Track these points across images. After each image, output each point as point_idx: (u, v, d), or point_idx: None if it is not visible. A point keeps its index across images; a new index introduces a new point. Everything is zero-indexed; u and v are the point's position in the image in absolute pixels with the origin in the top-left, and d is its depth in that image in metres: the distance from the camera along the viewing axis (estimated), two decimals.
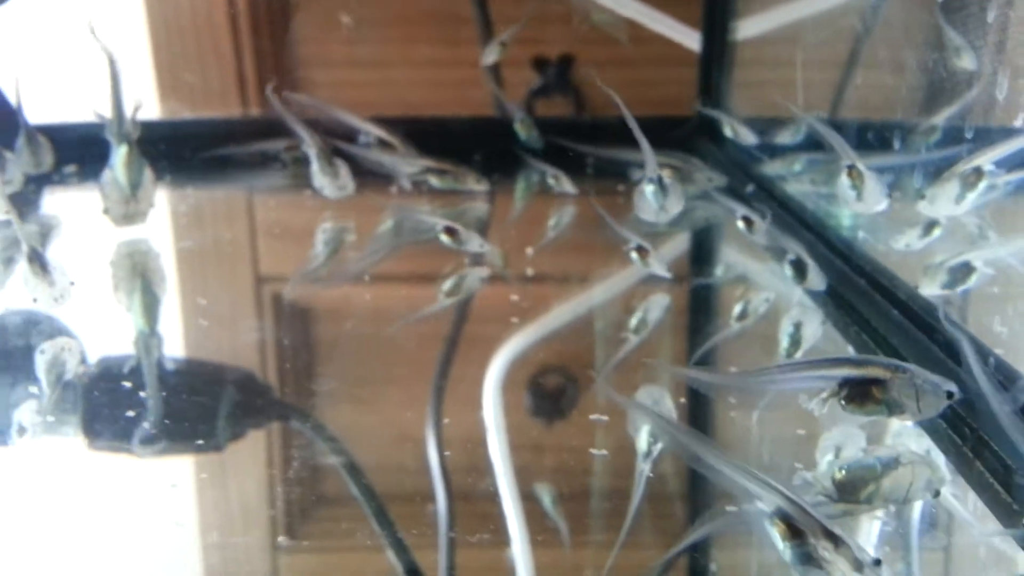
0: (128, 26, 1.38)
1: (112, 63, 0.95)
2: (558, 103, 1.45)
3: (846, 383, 0.59)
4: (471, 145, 1.33)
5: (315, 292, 0.97)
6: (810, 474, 0.59)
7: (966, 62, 0.77)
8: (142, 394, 0.71)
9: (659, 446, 0.63)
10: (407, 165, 1.22)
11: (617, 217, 0.92)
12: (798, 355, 0.79)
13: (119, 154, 0.97)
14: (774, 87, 1.21)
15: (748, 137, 1.17)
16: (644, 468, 0.61)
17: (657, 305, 0.88)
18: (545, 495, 0.61)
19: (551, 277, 1.01)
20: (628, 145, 0.92)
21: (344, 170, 1.14)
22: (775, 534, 0.49)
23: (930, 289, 0.76)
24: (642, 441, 0.64)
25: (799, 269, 0.83)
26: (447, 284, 0.93)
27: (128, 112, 0.96)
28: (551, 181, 1.22)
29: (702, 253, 1.12)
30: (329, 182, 1.14)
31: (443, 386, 0.75)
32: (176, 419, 0.68)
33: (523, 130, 1.32)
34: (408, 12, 1.40)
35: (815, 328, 0.83)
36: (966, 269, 0.75)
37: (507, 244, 1.07)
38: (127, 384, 0.73)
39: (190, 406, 0.70)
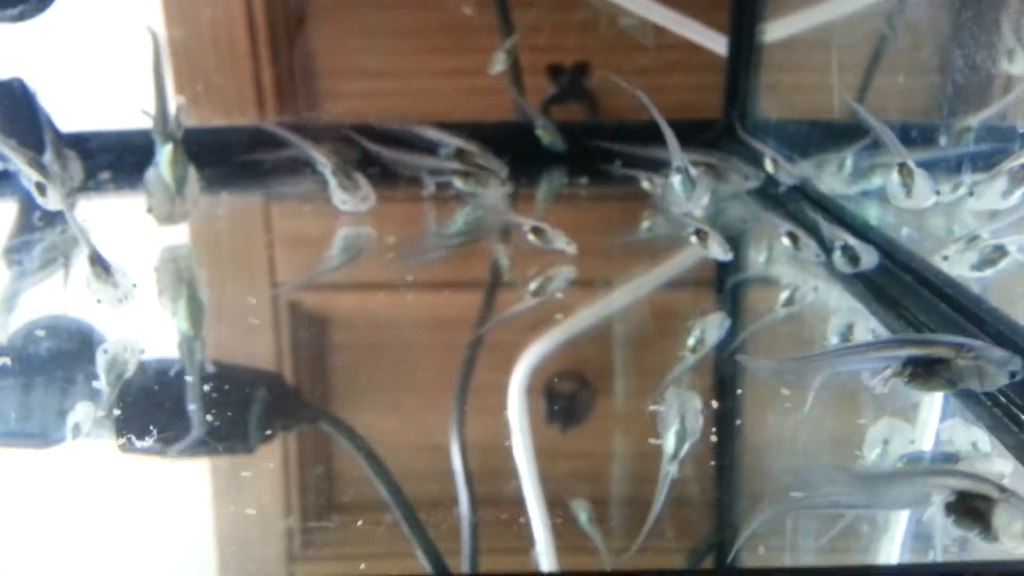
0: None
1: (157, 60, 0.95)
2: (573, 110, 1.46)
3: (910, 362, 0.60)
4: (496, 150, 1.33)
5: (330, 299, 0.97)
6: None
7: (1018, 66, 0.78)
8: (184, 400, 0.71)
9: (687, 447, 0.63)
10: (435, 168, 1.23)
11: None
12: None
13: (164, 152, 0.97)
14: (805, 90, 1.23)
15: (787, 177, 1.12)
16: (670, 470, 0.60)
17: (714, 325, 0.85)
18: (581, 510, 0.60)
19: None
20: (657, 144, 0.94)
21: (364, 182, 1.14)
22: None
23: (958, 268, 0.78)
24: (669, 442, 0.63)
25: (851, 256, 0.86)
26: (533, 284, 0.93)
27: (172, 110, 0.97)
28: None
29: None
30: (350, 196, 1.14)
31: (467, 391, 0.75)
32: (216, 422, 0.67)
33: (545, 135, 1.35)
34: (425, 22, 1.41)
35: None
36: (999, 252, 0.76)
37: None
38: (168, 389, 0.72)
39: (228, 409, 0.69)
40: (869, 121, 0.80)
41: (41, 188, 0.87)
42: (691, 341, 0.81)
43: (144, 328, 0.83)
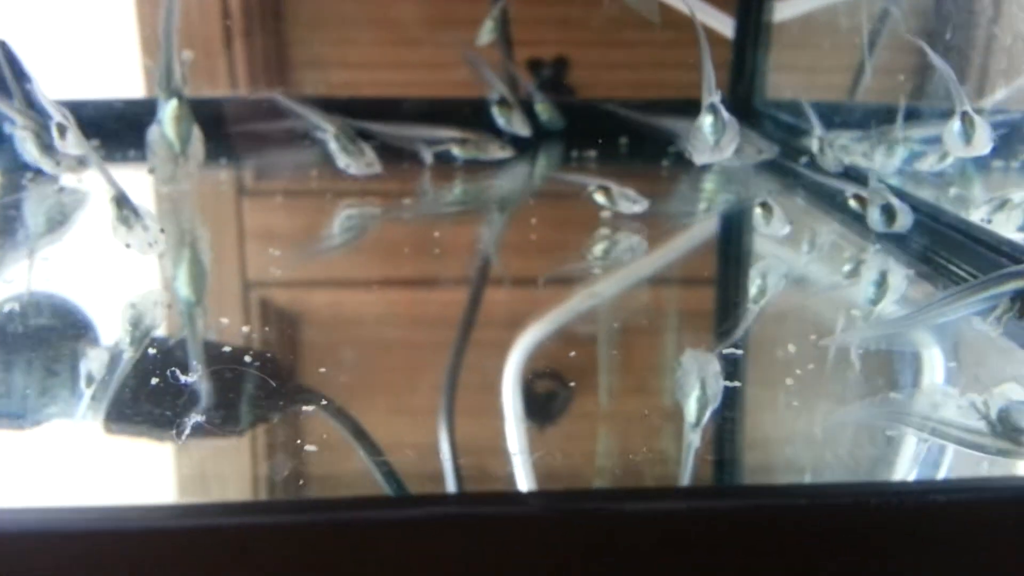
0: (118, 25, 1.34)
1: (169, 10, 0.89)
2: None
3: (1018, 296, 0.58)
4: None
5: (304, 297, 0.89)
6: (981, 400, 0.57)
7: None
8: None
9: (708, 413, 0.58)
10: (429, 137, 1.20)
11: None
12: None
13: (168, 109, 0.91)
14: (816, 70, 1.22)
15: (834, 162, 1.06)
16: (693, 439, 0.56)
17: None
18: None
19: None
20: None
21: (368, 148, 1.11)
22: None
23: (1004, 228, 0.78)
24: (691, 409, 0.58)
25: (889, 213, 0.85)
26: (598, 247, 0.89)
27: (178, 64, 0.91)
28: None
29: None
30: (354, 161, 1.11)
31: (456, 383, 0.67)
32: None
33: (544, 112, 1.32)
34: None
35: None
36: None
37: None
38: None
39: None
40: (936, 63, 0.79)
41: (62, 130, 0.82)
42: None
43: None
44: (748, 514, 0.46)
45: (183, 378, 0.60)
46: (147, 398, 0.58)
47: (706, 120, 0.84)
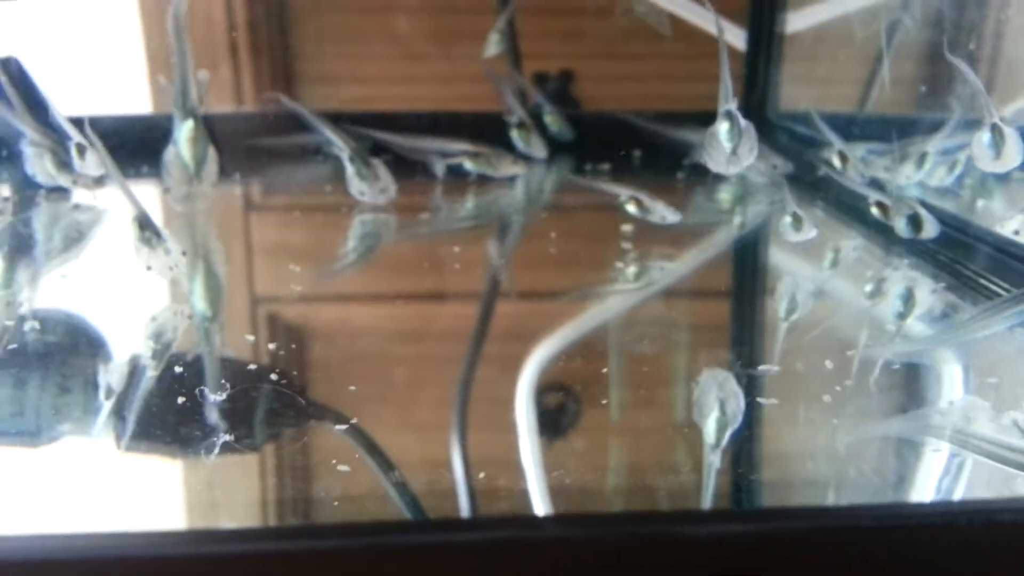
0: (123, 37, 1.34)
1: (179, 30, 0.89)
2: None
3: None
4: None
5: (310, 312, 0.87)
6: (1021, 417, 0.56)
7: None
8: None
9: (729, 434, 0.55)
10: (442, 149, 1.19)
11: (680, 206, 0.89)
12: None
13: (184, 129, 0.90)
14: (829, 82, 1.21)
15: (856, 175, 1.04)
16: (713, 460, 0.54)
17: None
18: None
19: None
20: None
21: (384, 171, 1.07)
22: None
23: None
24: (710, 430, 0.56)
25: (915, 222, 0.84)
26: (631, 270, 0.87)
27: (193, 85, 0.90)
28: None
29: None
30: (368, 186, 1.07)
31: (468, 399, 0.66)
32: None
33: (553, 123, 1.32)
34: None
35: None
36: None
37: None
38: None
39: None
40: (967, 74, 0.78)
41: (81, 150, 0.81)
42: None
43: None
44: (770, 538, 0.45)
45: (208, 395, 0.59)
46: (165, 415, 0.57)
47: (722, 127, 0.81)
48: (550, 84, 1.42)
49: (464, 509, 0.51)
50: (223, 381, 0.62)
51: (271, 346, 0.72)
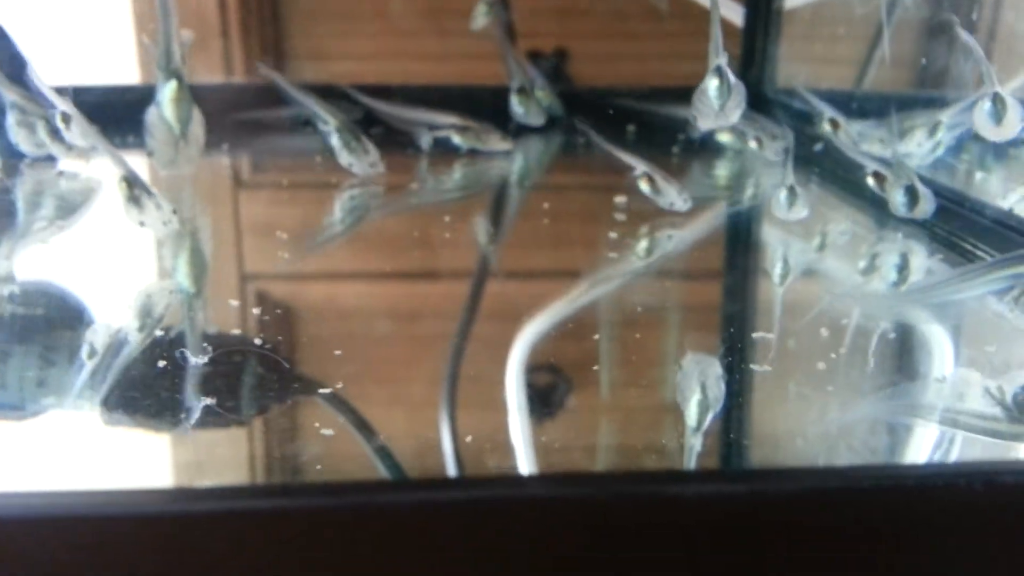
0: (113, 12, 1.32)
1: None
2: None
3: None
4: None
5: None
6: (995, 386, 0.55)
7: None
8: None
9: (710, 416, 0.54)
10: (430, 121, 1.18)
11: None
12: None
13: (167, 90, 0.87)
14: (827, 61, 1.20)
15: (847, 140, 1.03)
16: (695, 443, 0.52)
17: None
18: None
19: None
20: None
21: (372, 146, 1.06)
22: None
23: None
24: (691, 413, 0.54)
25: (912, 196, 0.83)
26: (641, 246, 0.85)
27: (177, 44, 0.88)
28: None
29: None
30: (357, 159, 1.06)
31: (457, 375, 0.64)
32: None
33: (545, 98, 1.30)
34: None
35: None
36: None
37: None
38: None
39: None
40: (969, 42, 0.77)
41: (66, 119, 0.79)
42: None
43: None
44: (762, 499, 0.43)
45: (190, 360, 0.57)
46: (149, 384, 0.56)
47: (711, 83, 0.79)
48: (544, 63, 1.41)
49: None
50: (206, 352, 0.60)
51: (257, 320, 0.71)
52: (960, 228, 0.82)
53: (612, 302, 0.76)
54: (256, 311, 0.72)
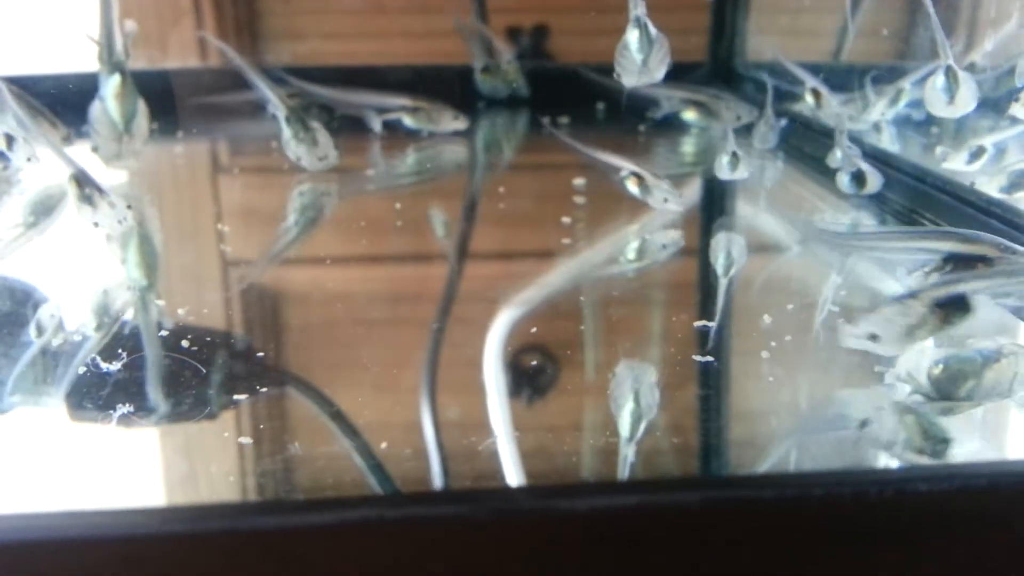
0: None
1: None
2: None
3: (951, 258, 0.54)
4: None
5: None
6: (904, 371, 0.53)
7: None
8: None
9: (644, 426, 0.52)
10: (380, 104, 1.14)
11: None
12: None
13: (110, 84, 0.87)
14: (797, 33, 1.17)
15: (829, 111, 1.01)
16: (628, 453, 0.50)
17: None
18: None
19: None
20: None
21: (324, 136, 0.97)
22: None
23: (986, 188, 0.75)
24: (624, 423, 0.52)
25: (859, 179, 0.84)
26: (631, 248, 0.79)
27: (120, 37, 0.87)
28: None
29: None
30: (306, 151, 0.96)
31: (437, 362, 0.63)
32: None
33: (510, 72, 1.28)
34: None
35: None
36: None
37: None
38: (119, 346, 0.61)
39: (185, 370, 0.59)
40: (932, 17, 0.74)
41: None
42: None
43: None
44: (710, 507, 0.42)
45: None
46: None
47: (632, 35, 0.73)
48: (524, 38, 1.38)
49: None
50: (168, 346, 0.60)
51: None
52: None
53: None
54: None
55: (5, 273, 0.75)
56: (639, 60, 0.73)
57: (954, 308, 0.52)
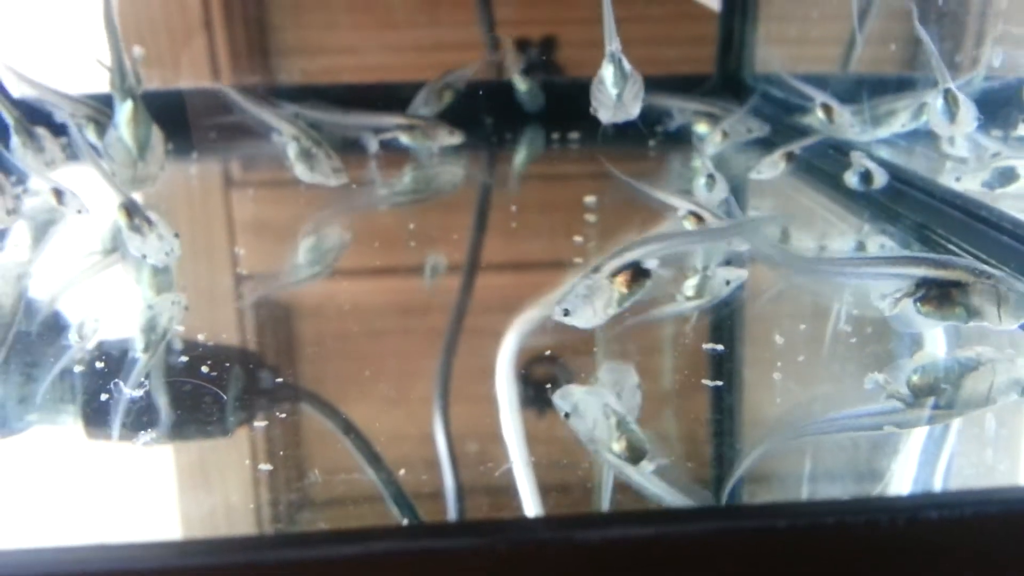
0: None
1: (108, 6, 0.85)
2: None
3: (924, 283, 0.55)
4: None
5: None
6: (882, 376, 0.54)
7: None
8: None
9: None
10: (375, 124, 1.14)
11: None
12: None
13: (123, 111, 0.87)
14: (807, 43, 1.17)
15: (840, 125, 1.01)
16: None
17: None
18: None
19: None
20: None
21: (333, 155, 0.96)
22: None
23: (970, 184, 0.77)
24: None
25: (867, 177, 0.87)
26: (689, 284, 0.75)
27: (129, 63, 0.87)
28: None
29: None
30: (315, 172, 0.97)
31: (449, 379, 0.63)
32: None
33: (522, 85, 1.30)
34: None
35: None
36: (1010, 174, 0.76)
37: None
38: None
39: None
40: (925, 42, 0.76)
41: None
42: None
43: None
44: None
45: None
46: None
47: (607, 71, 0.75)
48: (532, 50, 1.39)
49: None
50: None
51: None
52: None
53: None
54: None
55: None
56: (614, 95, 0.75)
57: (634, 277, 0.57)
